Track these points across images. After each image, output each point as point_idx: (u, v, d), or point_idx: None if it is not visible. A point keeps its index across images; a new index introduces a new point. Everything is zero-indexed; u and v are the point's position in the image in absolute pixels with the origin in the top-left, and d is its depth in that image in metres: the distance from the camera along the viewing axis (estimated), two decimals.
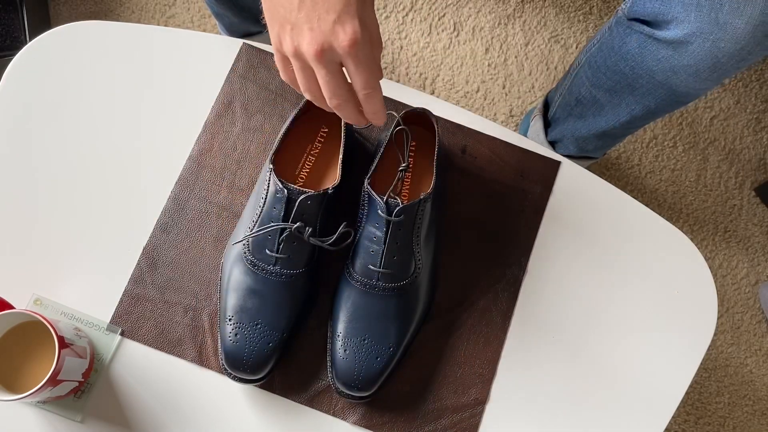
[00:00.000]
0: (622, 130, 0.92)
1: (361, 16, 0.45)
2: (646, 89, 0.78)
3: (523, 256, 0.69)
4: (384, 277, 0.61)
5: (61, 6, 1.29)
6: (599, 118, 0.91)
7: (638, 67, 0.75)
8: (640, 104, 0.82)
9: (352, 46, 0.45)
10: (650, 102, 0.80)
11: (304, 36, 0.45)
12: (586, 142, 1.00)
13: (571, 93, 0.96)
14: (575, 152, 1.06)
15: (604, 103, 0.87)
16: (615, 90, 0.83)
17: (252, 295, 0.61)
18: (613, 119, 0.89)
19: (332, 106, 0.49)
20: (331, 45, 0.45)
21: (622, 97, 0.83)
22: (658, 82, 0.75)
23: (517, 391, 0.66)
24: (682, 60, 0.69)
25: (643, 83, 0.77)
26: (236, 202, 0.69)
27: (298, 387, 0.64)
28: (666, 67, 0.71)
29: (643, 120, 0.87)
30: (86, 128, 0.70)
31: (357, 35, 0.45)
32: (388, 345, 0.61)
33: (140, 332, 0.65)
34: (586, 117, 0.94)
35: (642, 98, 0.81)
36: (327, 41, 0.45)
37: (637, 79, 0.77)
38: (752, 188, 1.30)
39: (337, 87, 0.47)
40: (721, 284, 1.25)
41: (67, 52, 0.72)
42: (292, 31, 0.46)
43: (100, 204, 0.68)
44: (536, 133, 1.11)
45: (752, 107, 1.34)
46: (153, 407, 0.63)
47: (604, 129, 0.92)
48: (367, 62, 0.46)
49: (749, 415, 1.20)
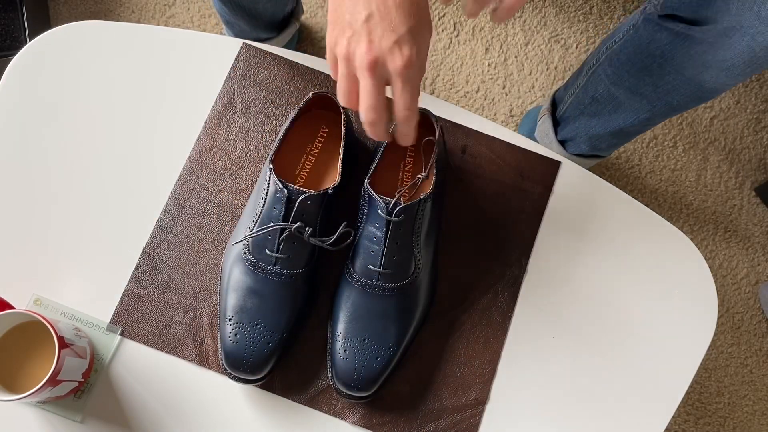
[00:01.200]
0: (639, 127, 0.92)
1: (419, 45, 0.48)
2: (672, 86, 0.78)
3: (523, 256, 0.69)
4: (384, 277, 0.61)
5: (61, 6, 1.29)
6: (615, 116, 0.91)
7: (667, 64, 0.75)
8: (662, 101, 0.82)
9: (405, 67, 0.48)
10: (673, 99, 0.80)
11: (361, 46, 0.48)
12: (600, 140, 1.00)
13: (585, 91, 0.95)
14: (587, 151, 1.05)
15: (622, 100, 0.87)
16: (636, 88, 0.83)
17: (252, 295, 0.61)
18: (631, 116, 0.89)
19: (366, 120, 0.51)
20: (386, 62, 0.48)
21: (645, 94, 0.83)
22: (687, 78, 0.75)
23: (517, 391, 0.66)
24: (717, 55, 0.69)
25: (669, 80, 0.77)
26: (236, 202, 0.69)
27: (298, 387, 0.64)
28: (698, 62, 0.71)
29: (662, 117, 0.87)
30: (86, 128, 0.70)
31: (413, 59, 0.48)
32: (388, 345, 0.61)
33: (140, 332, 0.65)
34: (600, 115, 0.94)
35: (665, 95, 0.81)
36: (383, 57, 0.48)
37: (663, 76, 0.77)
38: (752, 188, 1.30)
39: (377, 102, 0.50)
40: (721, 284, 1.25)
41: (67, 52, 0.72)
42: (352, 38, 0.48)
43: (100, 204, 0.68)
44: (545, 132, 1.10)
45: (752, 107, 1.34)
46: (153, 407, 0.63)
47: (621, 126, 0.92)
48: (413, 85, 0.49)
49: (749, 415, 1.20)
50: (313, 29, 1.30)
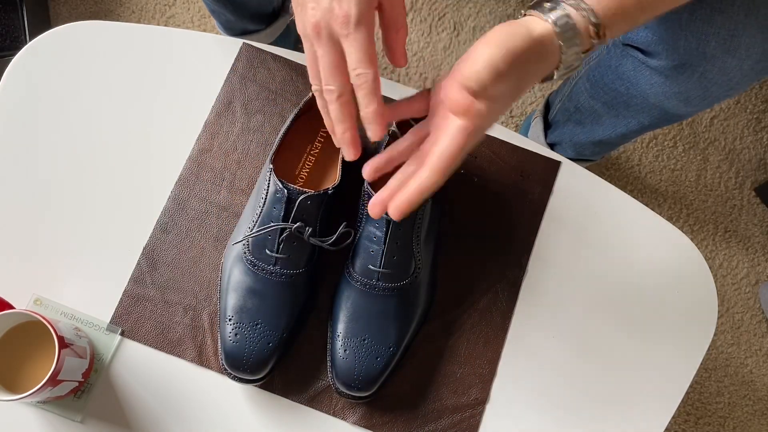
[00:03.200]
0: (618, 139, 0.94)
1: None
2: (641, 108, 0.79)
3: (523, 256, 0.69)
4: (384, 277, 0.61)
5: (61, 6, 1.29)
6: (597, 127, 0.92)
7: (633, 88, 0.76)
8: (635, 120, 0.84)
9: (344, 23, 0.46)
10: (644, 119, 0.82)
11: (307, 13, 0.47)
12: (584, 147, 1.02)
13: (570, 100, 0.97)
14: (573, 155, 1.07)
15: (602, 113, 0.89)
16: (612, 104, 0.84)
17: (252, 295, 0.61)
18: (609, 130, 0.91)
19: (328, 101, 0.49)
20: (328, 22, 0.46)
21: (619, 111, 0.84)
22: (652, 103, 0.76)
23: (517, 391, 0.66)
24: (672, 87, 0.70)
25: (638, 102, 0.78)
26: (236, 202, 0.69)
27: (298, 387, 0.64)
28: (658, 91, 0.72)
29: (638, 133, 0.88)
30: (86, 128, 0.70)
31: (349, 14, 0.46)
32: (388, 345, 0.61)
33: (140, 332, 0.65)
34: (584, 124, 0.95)
35: (637, 115, 0.82)
36: (324, 18, 0.46)
37: (632, 98, 0.79)
38: (752, 188, 1.30)
39: (332, 66, 0.47)
40: (721, 284, 1.25)
41: (67, 52, 0.72)
42: (302, 11, 0.48)
43: (100, 204, 0.68)
44: (536, 134, 1.11)
45: (752, 107, 1.34)
46: (153, 407, 0.63)
47: (601, 138, 0.94)
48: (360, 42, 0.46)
49: (749, 415, 1.20)
50: None
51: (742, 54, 0.63)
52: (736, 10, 0.60)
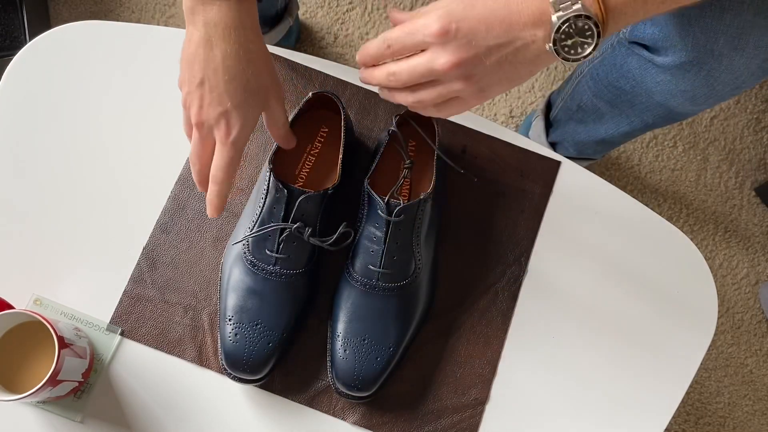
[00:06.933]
0: (621, 138, 0.94)
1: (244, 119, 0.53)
2: (645, 106, 0.80)
3: (523, 256, 0.69)
4: (384, 277, 0.61)
5: (61, 6, 1.29)
6: (599, 126, 0.92)
7: (638, 87, 0.76)
8: (639, 118, 0.84)
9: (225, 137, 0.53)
10: (648, 118, 0.82)
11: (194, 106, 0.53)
12: (586, 146, 1.02)
13: (573, 99, 0.97)
14: (575, 154, 1.07)
15: (605, 112, 0.89)
16: (616, 103, 0.84)
17: (252, 295, 0.61)
18: (612, 128, 0.91)
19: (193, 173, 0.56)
20: (211, 128, 0.53)
21: (623, 109, 0.84)
22: (657, 102, 0.76)
23: (517, 391, 0.66)
24: (678, 85, 0.70)
25: (642, 101, 0.79)
26: (236, 202, 0.69)
27: (298, 387, 0.64)
28: (664, 89, 0.72)
29: (641, 131, 0.89)
30: (86, 128, 0.70)
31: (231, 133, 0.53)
32: (388, 345, 0.61)
33: (140, 332, 0.65)
34: (587, 122, 0.95)
35: (641, 113, 0.82)
36: (209, 123, 0.53)
37: (636, 96, 0.79)
38: (752, 188, 1.30)
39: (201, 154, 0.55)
40: (721, 284, 1.25)
41: (67, 52, 0.72)
42: (188, 95, 0.53)
43: (100, 204, 0.68)
44: (537, 134, 1.11)
45: (752, 107, 1.34)
46: (153, 407, 0.63)
47: (604, 137, 0.94)
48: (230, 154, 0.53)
49: (749, 415, 1.20)
50: (312, 29, 1.30)
51: (750, 52, 0.63)
52: (746, 9, 0.61)
